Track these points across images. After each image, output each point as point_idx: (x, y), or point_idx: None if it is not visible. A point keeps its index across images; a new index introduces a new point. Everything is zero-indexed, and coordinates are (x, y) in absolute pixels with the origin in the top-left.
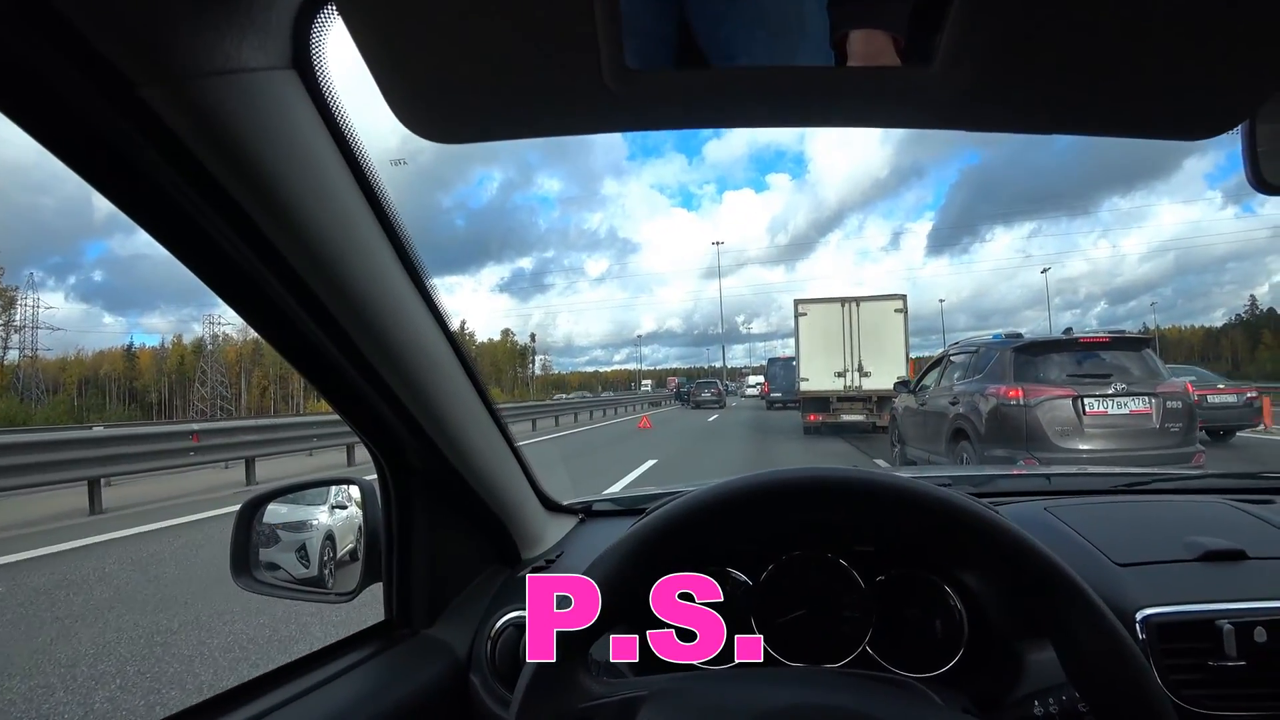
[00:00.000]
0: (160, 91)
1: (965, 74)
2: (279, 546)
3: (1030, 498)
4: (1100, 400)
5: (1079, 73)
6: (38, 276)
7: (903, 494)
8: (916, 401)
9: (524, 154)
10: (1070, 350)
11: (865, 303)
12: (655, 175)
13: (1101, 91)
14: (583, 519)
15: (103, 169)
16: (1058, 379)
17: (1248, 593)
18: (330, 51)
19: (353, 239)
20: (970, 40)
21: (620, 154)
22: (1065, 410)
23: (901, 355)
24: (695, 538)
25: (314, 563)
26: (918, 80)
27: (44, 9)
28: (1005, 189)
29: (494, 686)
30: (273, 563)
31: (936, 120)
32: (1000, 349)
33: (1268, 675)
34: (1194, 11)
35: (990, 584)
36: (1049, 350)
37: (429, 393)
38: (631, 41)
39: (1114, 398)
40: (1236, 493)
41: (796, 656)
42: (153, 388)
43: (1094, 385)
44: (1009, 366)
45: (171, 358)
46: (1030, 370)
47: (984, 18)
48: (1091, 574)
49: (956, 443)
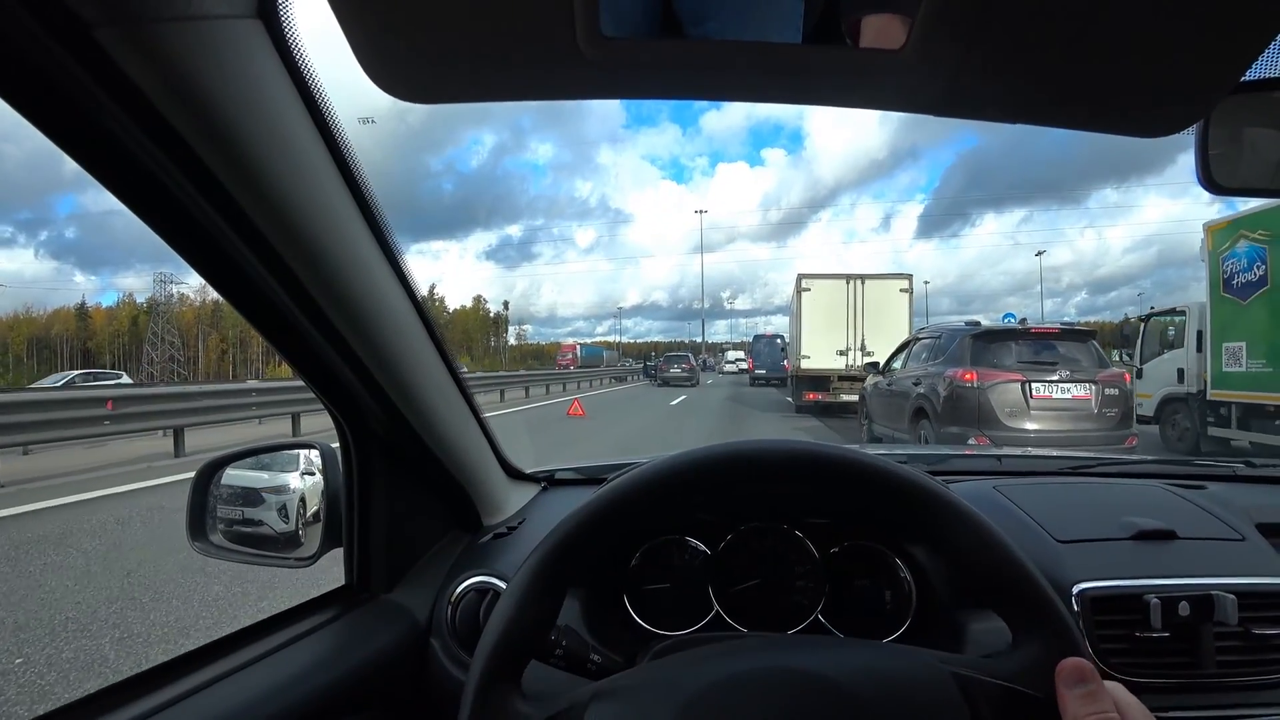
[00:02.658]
0: (117, 33)
1: (936, 59)
2: (262, 507)
3: (981, 477)
4: (1046, 385)
5: (1043, 67)
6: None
7: (856, 467)
8: (885, 382)
9: (517, 118)
10: (1023, 339)
11: (870, 280)
12: (649, 145)
13: (1064, 86)
14: (545, 487)
15: (53, 115)
16: (1009, 364)
17: (1175, 570)
18: (298, 3)
19: (316, 197)
20: (942, 24)
21: (616, 121)
22: (1014, 393)
23: (905, 336)
24: (653, 509)
25: (292, 524)
26: (890, 62)
27: None
28: (1001, 174)
29: (454, 650)
30: (245, 520)
31: (908, 103)
32: (961, 335)
33: (1187, 646)
34: (1153, 17)
35: (936, 555)
36: (1004, 338)
37: (393, 356)
38: (608, 8)
39: (1058, 383)
40: (1173, 478)
41: (752, 624)
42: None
43: (1041, 371)
44: (967, 351)
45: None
46: (986, 355)
47: (957, 6)
48: (1034, 549)
49: (917, 421)
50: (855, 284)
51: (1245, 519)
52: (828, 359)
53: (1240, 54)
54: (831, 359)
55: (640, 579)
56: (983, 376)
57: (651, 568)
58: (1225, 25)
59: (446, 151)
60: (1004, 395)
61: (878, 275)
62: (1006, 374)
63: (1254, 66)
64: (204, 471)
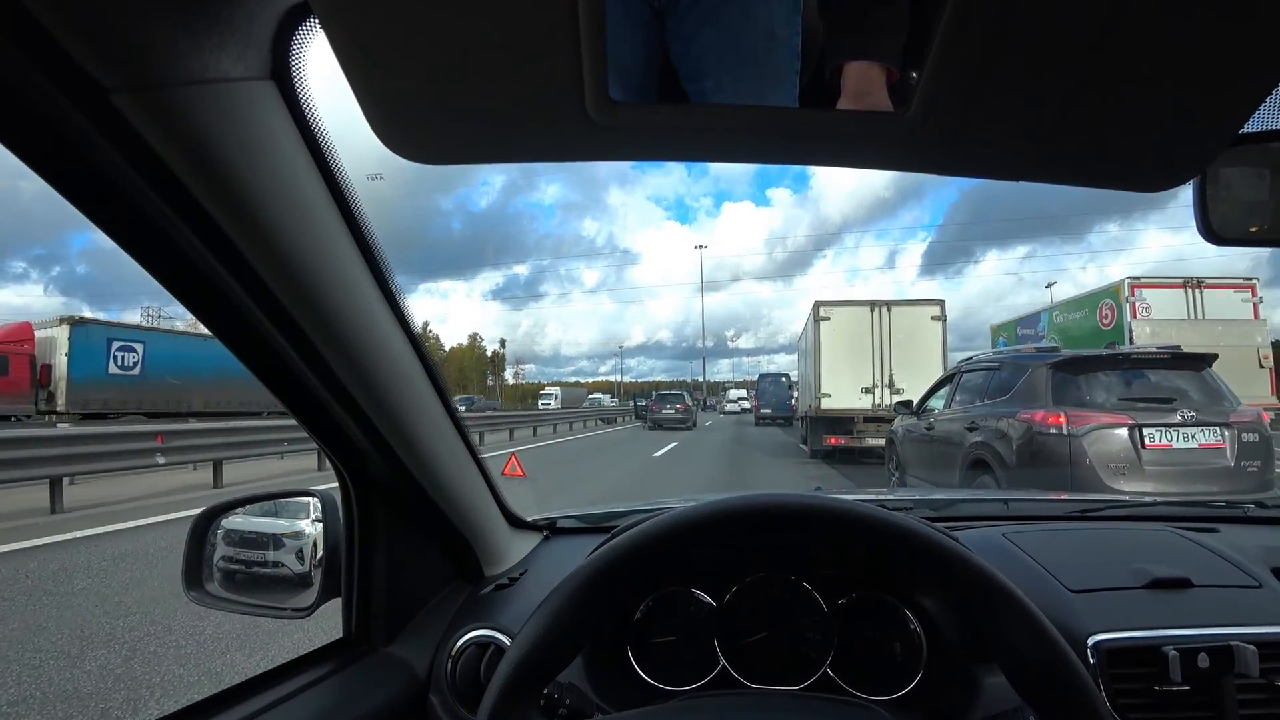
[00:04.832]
0: (134, 99)
1: (936, 121)
2: (283, 551)
3: (988, 523)
4: (1163, 431)
5: (1042, 126)
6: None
7: (851, 518)
8: (922, 425)
9: None
10: (1120, 369)
11: (897, 307)
12: (655, 186)
13: (1063, 145)
14: (547, 536)
15: (71, 175)
16: (1108, 403)
17: (1192, 620)
18: (311, 65)
19: (324, 252)
20: (941, 88)
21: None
22: (1120, 442)
23: (939, 371)
24: (657, 563)
25: (307, 567)
26: (893, 125)
27: (15, 10)
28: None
29: (454, 707)
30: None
31: (910, 164)
32: (1033, 365)
33: (1208, 700)
34: (1151, 74)
35: (946, 606)
36: (1095, 368)
37: (395, 407)
38: (616, 73)
39: (1180, 428)
40: (1182, 520)
41: (758, 678)
42: None
43: (1154, 412)
44: (1047, 386)
45: None
46: (1073, 391)
47: (958, 70)
48: (1046, 600)
49: (976, 474)
50: (881, 311)
51: (1261, 564)
52: (851, 398)
53: (1237, 108)
54: (856, 397)
55: (645, 632)
56: (1073, 420)
57: (656, 621)
58: (1222, 81)
59: (458, 190)
60: (1106, 445)
61: (905, 301)
62: (1107, 415)
63: (1251, 119)
64: (200, 521)
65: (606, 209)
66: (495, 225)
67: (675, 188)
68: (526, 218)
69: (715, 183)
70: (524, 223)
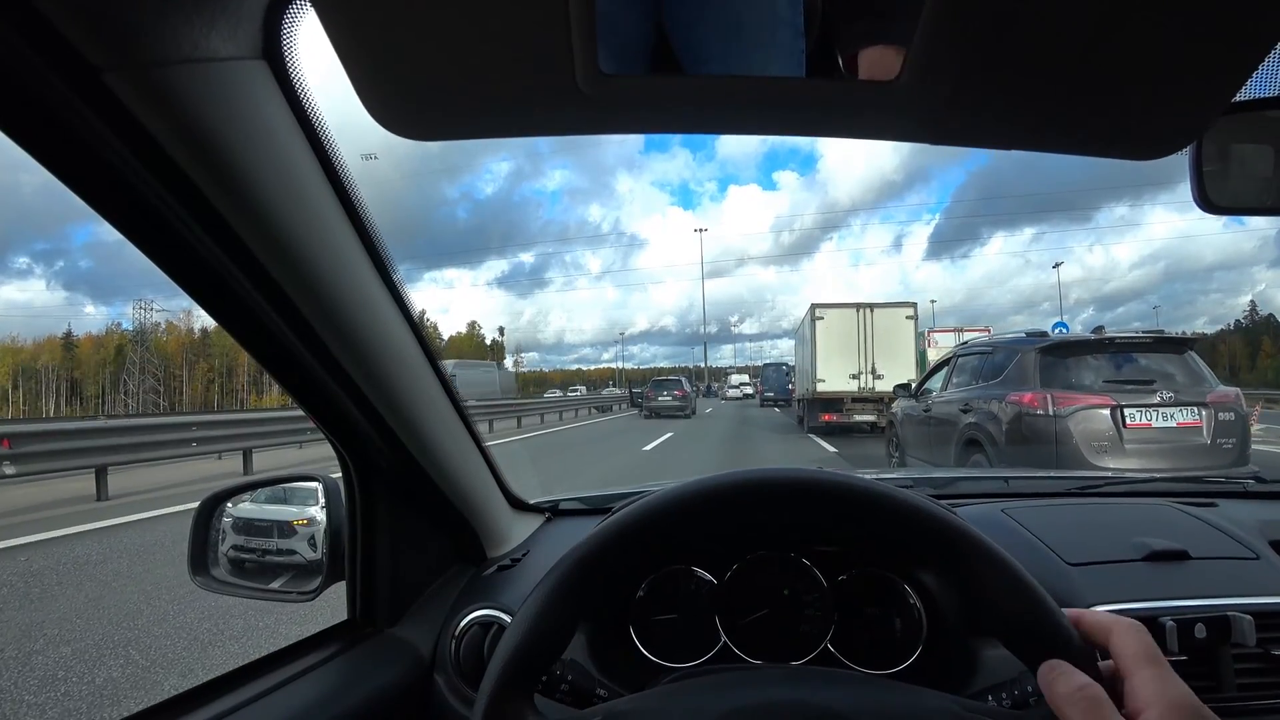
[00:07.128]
0: (126, 78)
1: (931, 88)
2: (295, 538)
3: (989, 499)
4: (1143, 410)
5: (1036, 93)
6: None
7: (861, 494)
8: (921, 406)
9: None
10: (1104, 352)
11: (879, 309)
12: (661, 171)
13: (1058, 112)
14: (549, 518)
15: (64, 156)
16: (1092, 384)
17: (1189, 591)
18: (303, 43)
19: (320, 234)
20: (936, 55)
21: (633, 147)
22: (1102, 422)
23: (911, 359)
24: (656, 540)
25: (319, 553)
26: (886, 93)
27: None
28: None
29: (458, 685)
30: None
31: (903, 133)
32: (1022, 349)
33: (1205, 669)
34: (1145, 41)
35: (945, 581)
36: (1080, 351)
37: (395, 390)
38: (606, 46)
39: (1159, 408)
40: (1181, 496)
41: (759, 655)
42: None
43: (1136, 393)
44: (1034, 369)
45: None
46: (1059, 374)
47: (951, 36)
48: (1045, 572)
49: (969, 453)
50: (865, 312)
51: (1258, 537)
52: (841, 382)
53: (1231, 75)
54: (845, 382)
55: (646, 611)
56: (1058, 401)
57: (657, 599)
58: (1216, 47)
59: (463, 178)
60: (1089, 424)
61: (885, 304)
62: (1090, 397)
63: (1246, 86)
64: (205, 506)
65: (613, 194)
66: (500, 213)
67: (681, 172)
68: (532, 204)
69: (721, 167)
70: (529, 209)
